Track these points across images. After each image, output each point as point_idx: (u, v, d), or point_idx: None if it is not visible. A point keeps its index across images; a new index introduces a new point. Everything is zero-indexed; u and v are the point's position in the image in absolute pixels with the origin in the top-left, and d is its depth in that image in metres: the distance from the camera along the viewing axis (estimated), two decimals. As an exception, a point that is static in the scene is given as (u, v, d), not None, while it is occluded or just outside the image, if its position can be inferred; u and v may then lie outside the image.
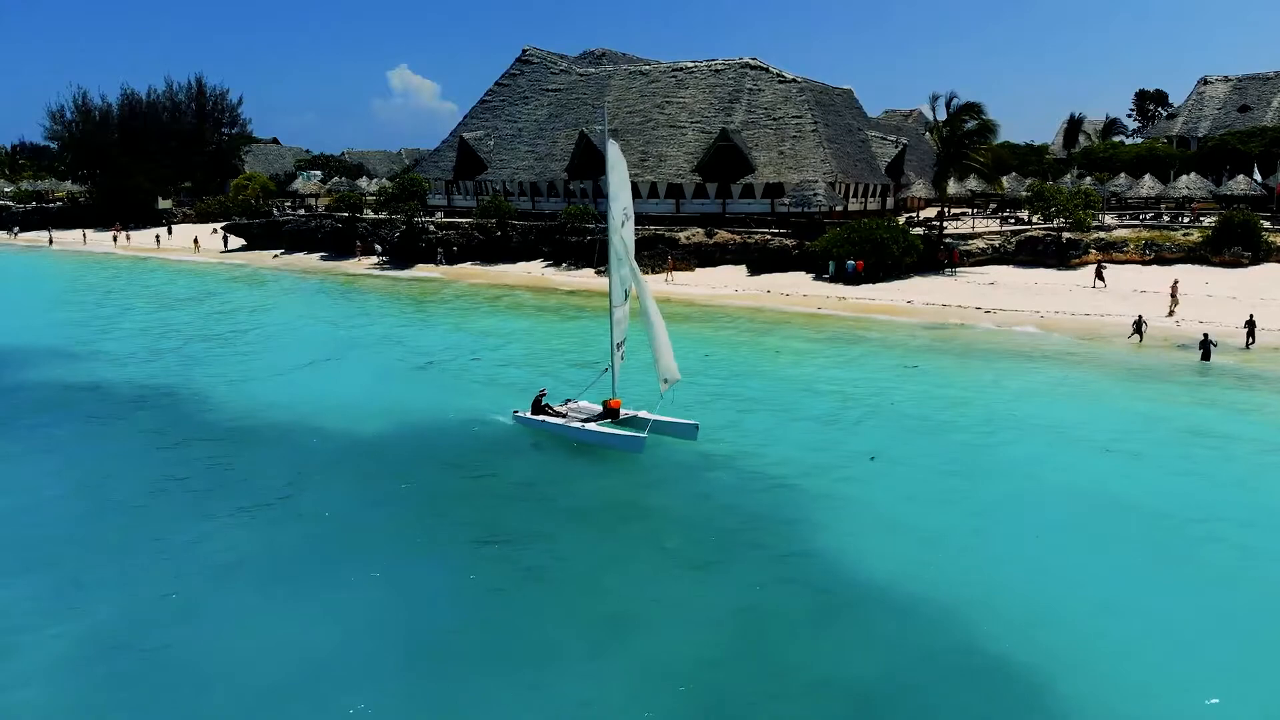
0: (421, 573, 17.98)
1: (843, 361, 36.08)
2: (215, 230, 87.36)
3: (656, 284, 58.02)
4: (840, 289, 53.07)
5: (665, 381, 24.76)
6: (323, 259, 76.10)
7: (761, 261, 59.89)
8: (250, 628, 15.93)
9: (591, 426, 24.82)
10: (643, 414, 25.41)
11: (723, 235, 63.04)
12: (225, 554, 18.69)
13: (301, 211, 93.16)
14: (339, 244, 77.35)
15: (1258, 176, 67.16)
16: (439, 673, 14.64)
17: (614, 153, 24.95)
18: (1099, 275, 51.22)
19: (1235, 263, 52.96)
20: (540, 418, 26.06)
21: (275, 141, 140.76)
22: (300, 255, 78.32)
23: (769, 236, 61.24)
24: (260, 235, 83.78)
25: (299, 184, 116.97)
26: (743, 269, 60.10)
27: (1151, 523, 19.64)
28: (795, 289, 53.75)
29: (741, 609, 16.39)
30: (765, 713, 13.49)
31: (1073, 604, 16.22)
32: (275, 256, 78.48)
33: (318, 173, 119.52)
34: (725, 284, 56.60)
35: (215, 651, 15.16)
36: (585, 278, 61.73)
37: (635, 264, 26.03)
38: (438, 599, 17.01)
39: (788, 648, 15.22)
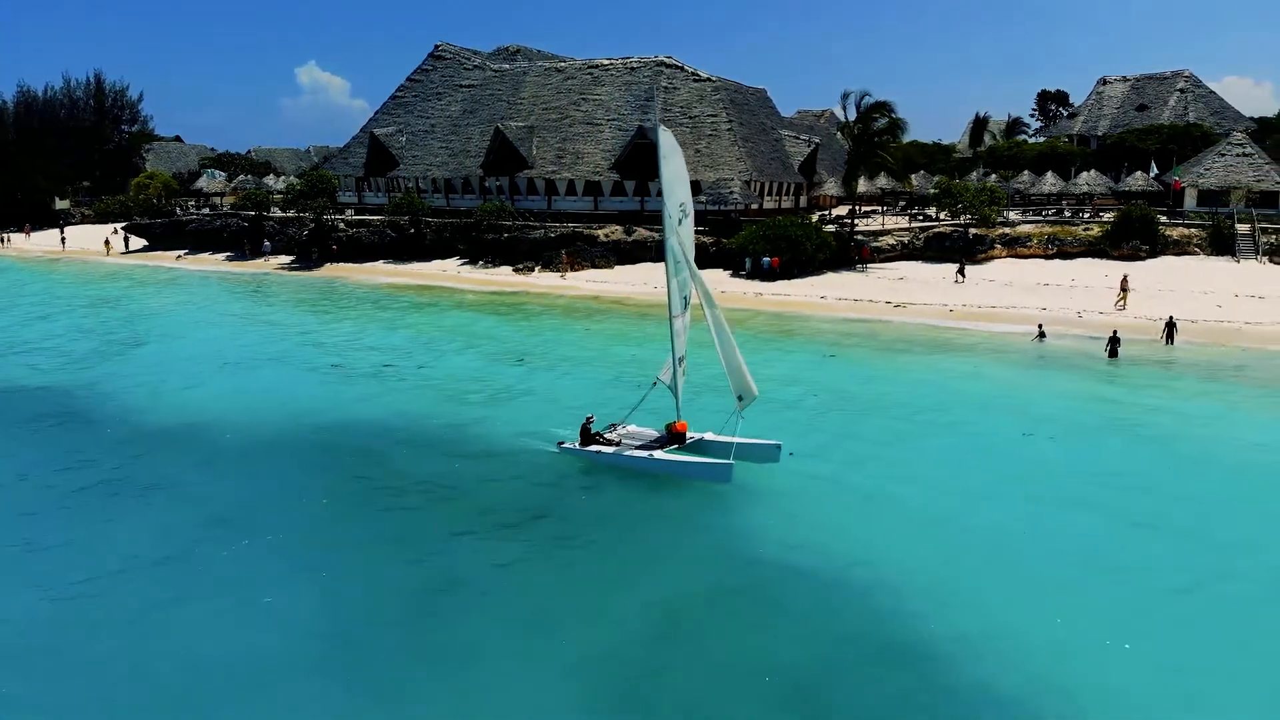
0: (342, 573, 17.57)
1: (760, 354, 36.40)
2: (116, 230, 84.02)
3: (553, 281, 58.17)
4: (757, 285, 53.64)
5: (740, 399, 21.81)
6: (228, 259, 73.92)
7: (679, 258, 60.00)
8: (163, 632, 15.42)
9: (661, 455, 21.83)
10: (708, 436, 22.58)
11: (642, 233, 63.14)
12: (131, 557, 18.08)
13: (206, 211, 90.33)
14: (245, 243, 75.22)
15: (1154, 172, 69.78)
16: (359, 676, 14.27)
17: (666, 141, 21.76)
18: (960, 272, 52.69)
19: (1134, 256, 55.06)
20: (594, 448, 22.72)
21: (178, 139, 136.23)
22: (205, 255, 75.92)
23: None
24: (163, 235, 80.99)
25: (203, 182, 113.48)
26: (662, 266, 59.93)
27: (1062, 502, 20.27)
28: (714, 286, 53.79)
29: (666, 601, 16.38)
30: (695, 702, 13.49)
31: (984, 576, 16.65)
32: (179, 257, 75.89)
33: (221, 173, 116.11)
34: (644, 281, 56.65)
35: (127, 655, 14.68)
36: (504, 275, 61.33)
37: (694, 266, 23.17)
38: (357, 599, 16.62)
39: (715, 636, 15.29)
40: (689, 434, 22.54)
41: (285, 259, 71.58)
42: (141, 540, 18.98)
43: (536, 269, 61.82)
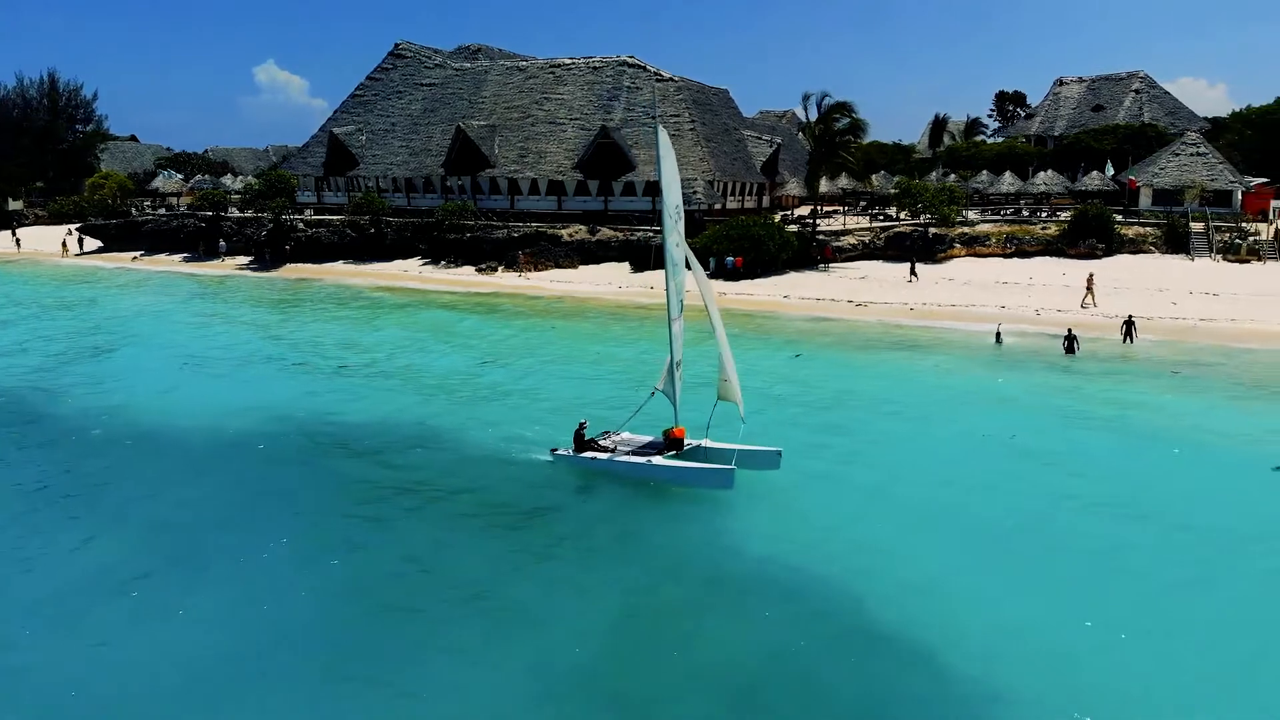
0: (306, 577, 17.34)
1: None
2: (70, 231, 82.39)
3: (517, 281, 57.98)
4: (721, 285, 53.65)
5: (741, 405, 21.79)
6: (185, 260, 72.74)
7: (645, 258, 60.01)
8: (112, 641, 15.17)
9: (660, 461, 21.28)
10: (706, 443, 22.00)
11: (606, 232, 63.01)
12: (85, 565, 17.79)
13: (162, 211, 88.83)
14: (202, 244, 74.10)
15: (1110, 171, 70.83)
16: (306, 681, 14.10)
17: (664, 140, 21.12)
18: (912, 272, 53.22)
19: (1090, 254, 55.83)
20: (590, 455, 22.13)
21: (133, 139, 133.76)
22: (161, 256, 74.64)
23: (651, 233, 61.44)
24: (118, 236, 79.54)
25: (159, 182, 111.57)
26: (626, 266, 60.19)
27: (1019, 494, 20.45)
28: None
29: (623, 599, 16.36)
30: (652, 700, 13.47)
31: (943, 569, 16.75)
32: (135, 258, 74.53)
33: (178, 173, 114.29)
34: (609, 281, 56.58)
35: (84, 667, 14.43)
36: (467, 275, 60.93)
37: (699, 266, 22.54)
38: (320, 602, 16.40)
39: (673, 634, 15.29)
40: (687, 440, 22.00)
41: (243, 259, 70.61)
42: (104, 547, 18.70)
43: (500, 269, 61.52)
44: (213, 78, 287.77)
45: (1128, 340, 37.23)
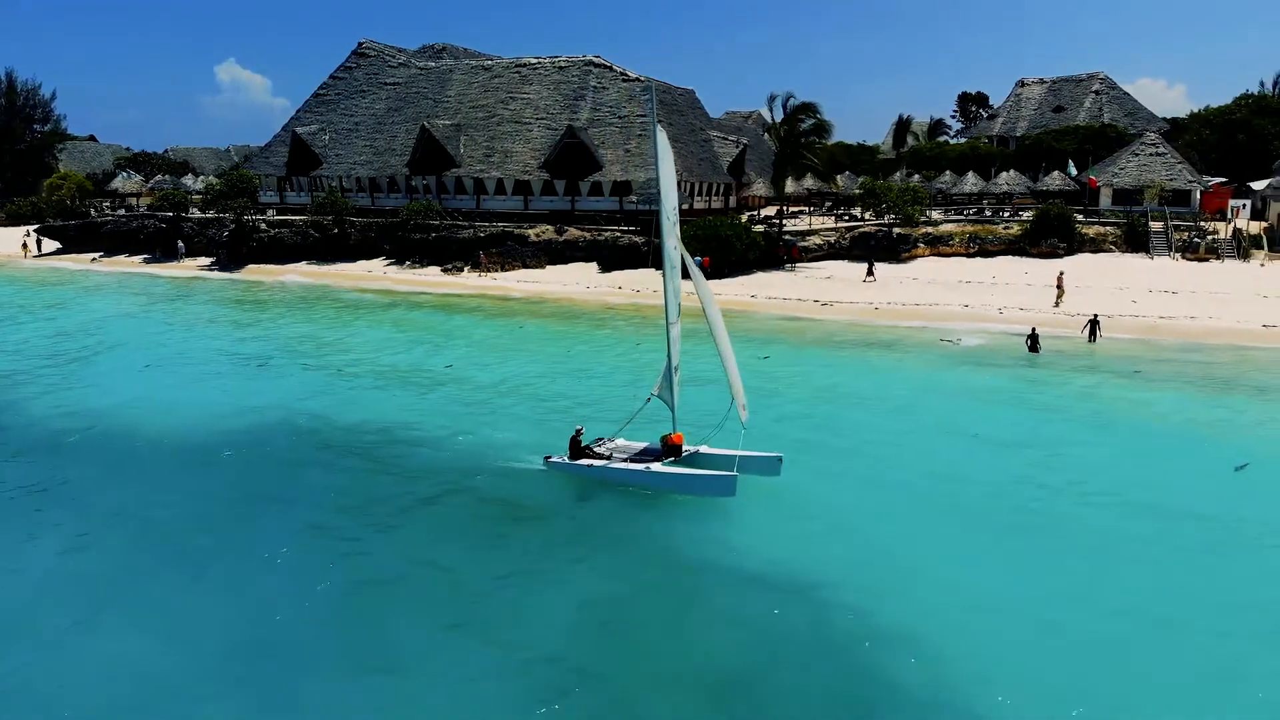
0: (271, 578, 17.14)
1: (692, 354, 36.43)
2: (29, 233, 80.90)
3: (483, 281, 57.68)
4: (688, 284, 53.49)
5: (744, 408, 21.23)
6: (145, 261, 71.69)
7: (612, 258, 60.00)
8: (85, 645, 15.03)
9: (658, 468, 20.70)
10: (704, 449, 21.50)
11: (573, 232, 62.83)
12: (63, 570, 17.73)
13: (122, 212, 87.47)
14: (163, 245, 73.01)
15: (1073, 170, 71.53)
16: (285, 681, 13.98)
17: (662, 141, 20.61)
18: (870, 272, 53.53)
19: (1052, 253, 56.47)
20: (585, 462, 21.45)
21: (92, 139, 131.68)
22: (121, 258, 73.55)
23: (619, 234, 61.41)
24: (77, 238, 78.30)
25: (119, 183, 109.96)
26: (594, 266, 60.07)
27: (987, 494, 20.58)
28: (645, 285, 54.03)
29: (599, 599, 16.31)
30: (628, 699, 13.44)
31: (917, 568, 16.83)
32: (94, 260, 73.37)
33: (137, 174, 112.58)
34: (577, 281, 56.43)
35: (36, 676, 14.14)
36: (432, 276, 60.53)
37: (695, 266, 22.11)
38: (284, 606, 16.18)
39: (648, 635, 15.27)
40: (685, 446, 21.45)
41: (204, 260, 69.68)
42: (81, 551, 18.56)
43: (466, 269, 61.14)
44: (173, 77, 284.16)
45: (1092, 339, 37.53)
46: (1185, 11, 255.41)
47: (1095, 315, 38.70)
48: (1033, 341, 35.74)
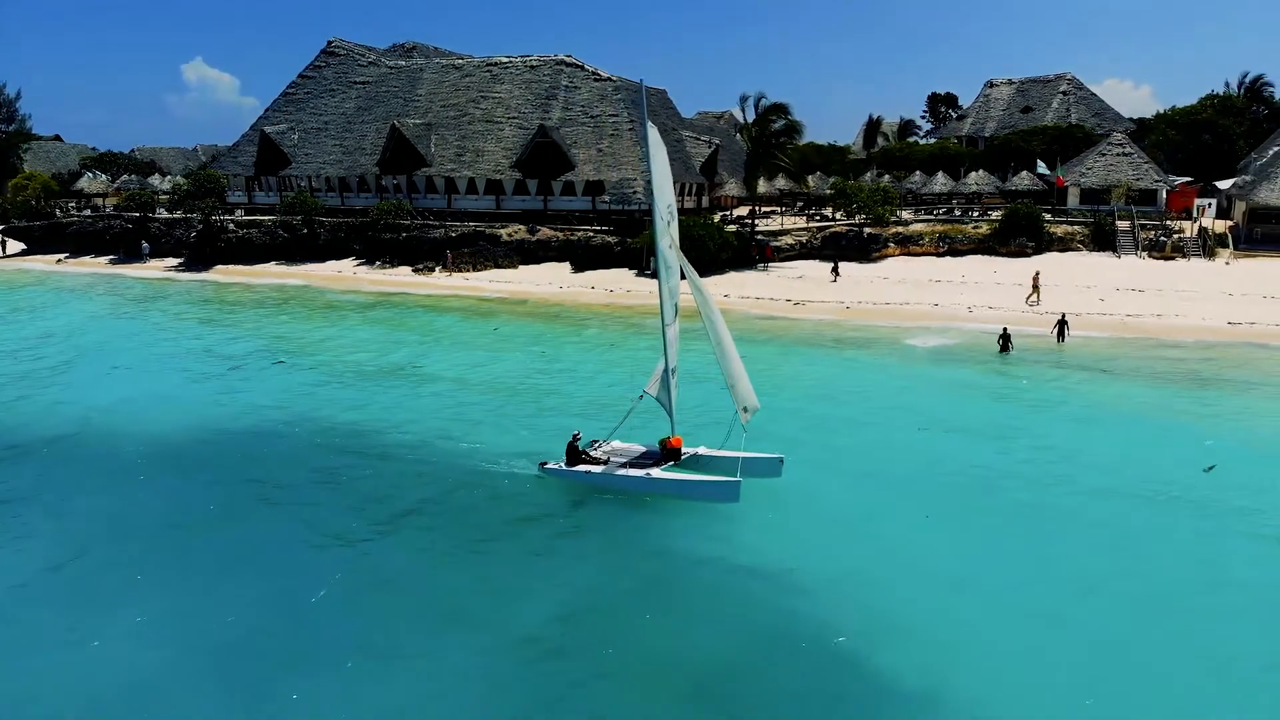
0: (248, 581, 17.09)
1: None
2: (-4, 234, 79.79)
3: (455, 281, 57.39)
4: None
5: (745, 411, 20.51)
6: (112, 262, 70.73)
7: (585, 258, 59.87)
8: (69, 648, 14.89)
9: (659, 474, 20.20)
10: (702, 450, 21.17)
11: (546, 232, 62.65)
12: (36, 574, 17.55)
13: (88, 212, 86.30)
14: (129, 246, 72.07)
15: (1042, 169, 72.08)
16: (272, 681, 13.92)
17: (654, 137, 20.03)
18: (834, 271, 53.76)
19: (1020, 252, 57.01)
20: (584, 468, 20.93)
21: (57, 139, 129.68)
22: (87, 259, 72.60)
23: (592, 233, 61.29)
24: (42, 238, 77.26)
25: (84, 183, 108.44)
26: (566, 266, 59.93)
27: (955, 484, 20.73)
28: (619, 284, 54.01)
29: (573, 595, 16.36)
30: (603, 696, 13.47)
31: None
32: (59, 261, 72.37)
33: (104, 174, 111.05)
34: (550, 281, 56.25)
35: (33, 675, 14.13)
36: (403, 276, 60.11)
37: (691, 267, 21.76)
38: (262, 606, 16.15)
39: (623, 631, 15.30)
40: (684, 449, 21.06)
41: (172, 261, 68.84)
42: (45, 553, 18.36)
43: (437, 269, 60.77)
44: (139, 76, 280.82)
45: (1061, 339, 37.60)
46: (1152, 13, 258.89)
47: (1064, 315, 38.70)
48: (1004, 341, 35.74)
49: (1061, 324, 37.78)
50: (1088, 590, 16.07)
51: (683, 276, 21.66)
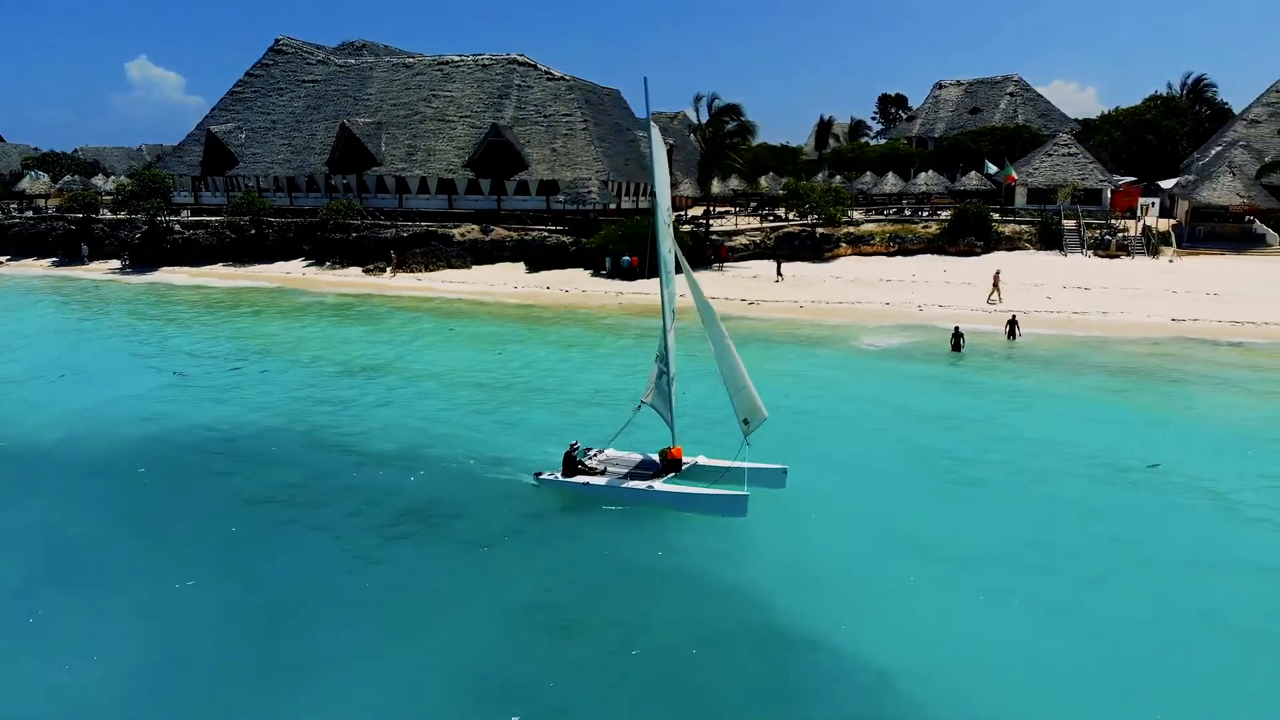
0: (203, 590, 16.68)
1: (625, 354, 36.37)
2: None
3: (407, 281, 56.83)
4: (618, 284, 53.62)
5: (746, 423, 19.71)
6: (54, 264, 69.18)
7: (540, 258, 59.59)
8: (34, 658, 14.69)
9: (662, 486, 19.65)
10: (701, 460, 20.56)
11: (499, 232, 62.25)
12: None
13: (29, 214, 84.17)
14: (72, 248, 70.41)
15: (991, 169, 72.93)
16: (217, 695, 13.71)
17: (657, 139, 19.30)
18: (778, 272, 54.08)
19: (969, 251, 57.79)
20: (582, 480, 20.32)
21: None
22: (29, 261, 71.04)
23: (546, 233, 61.01)
24: (-20, 240, 75.14)
25: (26, 184, 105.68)
26: (521, 266, 59.59)
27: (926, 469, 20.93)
28: (574, 285, 53.81)
29: (534, 595, 16.33)
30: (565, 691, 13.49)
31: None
32: (0, 264, 70.58)
33: (45, 174, 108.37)
34: (504, 281, 55.87)
35: None
36: (354, 276, 59.41)
37: (690, 270, 20.91)
38: (222, 616, 15.86)
39: (585, 628, 15.33)
40: (684, 459, 20.52)
41: (115, 263, 67.40)
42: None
43: (388, 270, 60.12)
44: (82, 74, 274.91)
45: (1012, 337, 38.05)
46: (1097, 15, 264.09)
47: (1013, 314, 39.17)
48: (956, 340, 36.07)
49: (1012, 323, 38.23)
50: (1090, 584, 16.38)
51: (679, 270, 21.58)
